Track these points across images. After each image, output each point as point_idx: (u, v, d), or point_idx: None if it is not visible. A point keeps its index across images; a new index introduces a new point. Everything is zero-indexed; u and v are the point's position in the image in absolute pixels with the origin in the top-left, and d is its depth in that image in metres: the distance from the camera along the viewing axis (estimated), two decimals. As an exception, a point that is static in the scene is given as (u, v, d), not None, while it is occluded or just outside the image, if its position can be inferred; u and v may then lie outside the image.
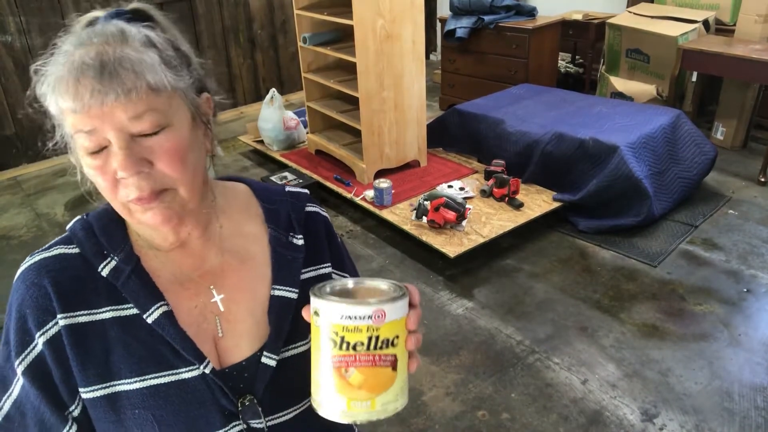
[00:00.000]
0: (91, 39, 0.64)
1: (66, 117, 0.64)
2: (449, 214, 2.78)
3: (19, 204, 3.76)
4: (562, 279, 2.66)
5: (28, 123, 4.13)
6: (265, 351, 0.76)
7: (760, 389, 2.01)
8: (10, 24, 3.87)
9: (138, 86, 0.62)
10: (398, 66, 3.16)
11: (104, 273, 0.71)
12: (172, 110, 0.66)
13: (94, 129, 0.63)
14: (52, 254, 0.72)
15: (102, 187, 0.67)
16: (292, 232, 0.82)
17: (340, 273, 0.87)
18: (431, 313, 2.48)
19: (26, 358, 0.69)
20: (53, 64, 0.65)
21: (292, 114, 4.00)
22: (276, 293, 0.78)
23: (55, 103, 0.64)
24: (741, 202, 3.18)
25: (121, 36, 0.65)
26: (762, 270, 2.62)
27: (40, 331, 0.69)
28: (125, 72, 0.62)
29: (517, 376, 2.13)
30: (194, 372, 0.71)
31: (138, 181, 0.65)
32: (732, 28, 3.79)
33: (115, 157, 0.64)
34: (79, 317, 0.70)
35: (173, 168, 0.66)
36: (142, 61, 0.63)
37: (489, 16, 4.31)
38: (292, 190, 0.88)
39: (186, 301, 0.75)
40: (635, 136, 2.94)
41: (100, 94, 0.61)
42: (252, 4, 4.95)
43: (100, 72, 0.61)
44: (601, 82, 4.33)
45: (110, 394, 0.70)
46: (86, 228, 0.74)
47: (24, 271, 0.72)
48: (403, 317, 0.64)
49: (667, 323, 2.34)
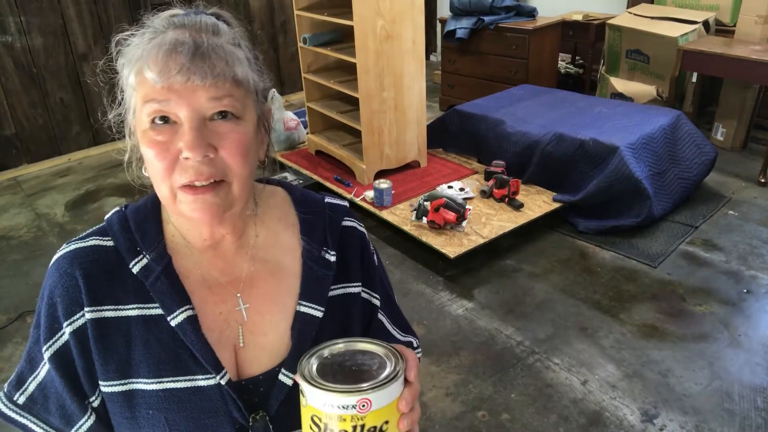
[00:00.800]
0: (184, 24, 0.66)
1: (141, 88, 0.64)
2: (449, 214, 2.78)
3: (19, 204, 3.76)
4: (562, 279, 2.66)
5: (28, 123, 4.13)
6: (283, 368, 0.74)
7: (760, 390, 2.01)
8: (10, 24, 3.87)
9: (226, 74, 0.64)
10: (398, 66, 3.16)
11: (135, 270, 0.71)
12: (246, 106, 0.68)
13: (168, 101, 0.63)
14: (88, 245, 0.73)
15: (157, 168, 0.65)
16: (326, 247, 0.80)
17: (370, 292, 0.84)
18: (431, 314, 2.48)
19: (53, 345, 0.70)
20: (140, 37, 0.66)
21: (292, 114, 4.00)
22: (302, 309, 0.77)
23: (136, 73, 0.64)
24: (741, 203, 3.18)
25: (214, 28, 0.67)
26: (762, 271, 2.62)
27: (68, 321, 0.70)
28: (217, 58, 0.64)
29: (517, 377, 2.13)
30: (210, 381, 0.71)
31: (200, 165, 0.64)
32: (732, 29, 3.79)
33: (183, 136, 0.64)
34: (105, 312, 0.70)
35: (235, 159, 0.66)
36: (234, 53, 0.66)
37: (489, 17, 4.31)
38: (331, 201, 0.85)
39: (212, 306, 0.74)
40: (635, 136, 2.94)
41: (188, 72, 0.62)
42: (252, 4, 4.95)
43: (193, 52, 0.62)
44: (601, 82, 4.34)
45: (127, 391, 0.70)
46: (122, 221, 0.74)
47: (59, 259, 0.72)
48: (394, 400, 0.60)
49: (667, 324, 2.34)
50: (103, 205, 3.61)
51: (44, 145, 4.24)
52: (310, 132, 3.83)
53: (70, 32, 4.11)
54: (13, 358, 2.38)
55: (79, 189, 3.88)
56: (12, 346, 2.46)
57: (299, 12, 3.43)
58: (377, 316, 0.86)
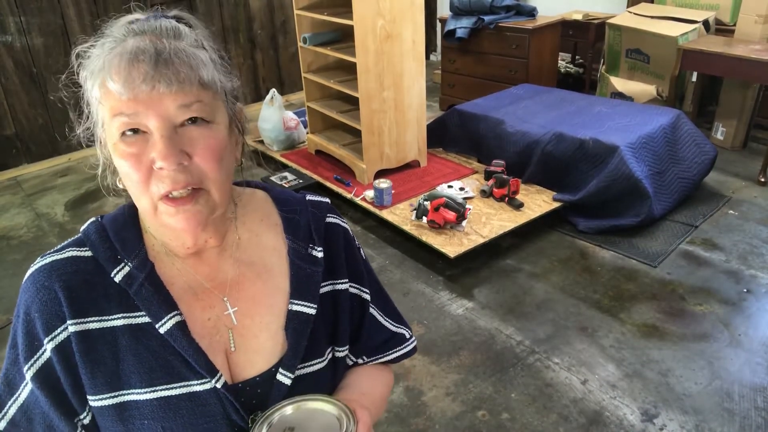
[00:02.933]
0: (144, 30, 0.64)
1: (107, 101, 0.63)
2: (449, 214, 2.78)
3: (19, 204, 3.76)
4: (562, 279, 2.66)
5: (28, 123, 4.13)
6: (281, 368, 0.74)
7: (760, 389, 2.01)
8: (10, 24, 3.87)
9: (191, 78, 0.63)
10: (398, 66, 3.16)
11: (117, 279, 0.69)
12: (215, 109, 0.66)
13: (136, 113, 0.62)
14: (64, 256, 0.70)
15: (133, 181, 0.64)
16: (312, 244, 0.80)
17: (358, 287, 0.84)
18: (431, 314, 2.48)
19: (35, 363, 0.67)
20: (100, 47, 0.64)
21: (292, 114, 4.00)
22: (294, 308, 0.76)
23: (100, 85, 0.63)
24: (741, 202, 3.18)
25: (175, 32, 0.65)
26: (762, 270, 2.62)
27: (49, 336, 0.67)
28: (180, 63, 0.62)
29: (517, 376, 2.13)
30: (206, 385, 0.70)
31: (175, 174, 0.63)
32: (732, 29, 3.79)
33: (155, 146, 0.62)
34: (89, 323, 0.68)
35: (210, 164, 0.65)
36: (197, 56, 0.64)
37: (489, 16, 4.31)
38: (312, 198, 0.85)
39: (200, 312, 0.73)
40: (635, 136, 2.94)
41: (152, 80, 0.61)
42: (252, 4, 4.94)
43: (155, 59, 0.61)
44: (601, 82, 4.33)
45: (119, 404, 0.68)
46: (100, 231, 0.72)
47: (34, 273, 0.70)
48: None
49: (667, 323, 2.34)
50: (103, 205, 3.61)
51: (44, 145, 4.24)
52: (310, 132, 3.83)
53: (70, 32, 4.11)
54: (13, 358, 2.38)
55: (79, 189, 3.88)
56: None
57: (299, 12, 3.43)
58: (369, 311, 0.86)
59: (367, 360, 0.89)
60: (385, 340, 0.89)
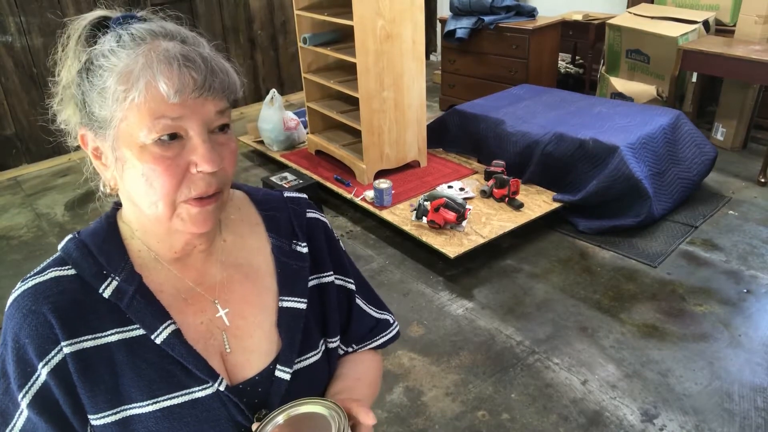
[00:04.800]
0: (167, 34, 0.64)
1: (146, 102, 0.61)
2: (449, 214, 2.78)
3: (19, 204, 3.76)
4: (562, 279, 2.66)
5: (28, 123, 4.13)
6: (279, 364, 0.74)
7: (760, 390, 2.01)
8: (10, 24, 3.87)
9: (231, 87, 0.65)
10: (398, 66, 3.16)
11: (106, 294, 0.68)
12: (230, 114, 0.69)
13: (181, 117, 0.62)
14: (47, 278, 0.68)
15: (161, 184, 0.63)
16: (296, 240, 0.81)
17: (343, 278, 0.86)
18: (431, 314, 2.48)
19: (30, 390, 0.65)
20: (122, 48, 0.62)
21: (292, 114, 4.00)
22: (284, 305, 0.77)
23: (146, 85, 0.60)
24: (741, 203, 3.18)
25: (196, 39, 0.66)
26: (762, 270, 2.62)
27: (43, 360, 0.65)
28: (221, 72, 0.64)
29: (517, 377, 2.13)
30: (208, 390, 0.70)
31: (210, 177, 0.65)
32: (732, 29, 3.79)
33: (196, 150, 0.63)
34: (83, 342, 0.67)
35: (232, 169, 0.68)
36: (226, 65, 0.66)
37: (489, 17, 4.31)
38: (290, 195, 0.86)
39: (191, 317, 0.73)
40: (635, 136, 2.94)
41: (203, 88, 0.62)
42: (252, 4, 4.95)
43: (204, 66, 0.62)
44: (601, 82, 4.33)
45: (122, 419, 0.67)
46: (81, 247, 0.70)
47: (18, 298, 0.68)
48: None
49: (667, 324, 2.34)
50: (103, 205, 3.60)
51: (44, 145, 4.24)
52: (310, 132, 3.83)
53: (70, 32, 4.11)
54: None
55: (79, 189, 3.88)
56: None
57: (299, 12, 3.43)
58: (355, 302, 0.88)
59: (356, 348, 0.91)
60: (371, 328, 0.92)
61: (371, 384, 0.88)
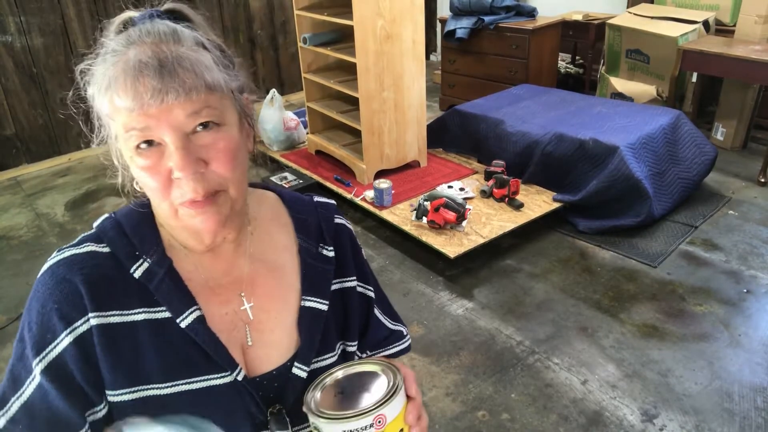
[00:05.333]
0: (142, 38, 0.63)
1: (117, 116, 0.63)
2: (449, 214, 2.78)
3: (19, 204, 3.75)
4: (562, 279, 2.66)
5: (28, 123, 4.13)
6: (297, 362, 0.75)
7: (760, 390, 2.01)
8: (10, 24, 3.87)
9: (198, 85, 0.62)
10: (398, 66, 3.16)
11: (137, 275, 0.70)
12: (224, 110, 0.66)
13: (148, 127, 0.62)
14: (83, 251, 0.70)
15: (152, 188, 0.65)
16: (323, 243, 0.82)
17: (365, 286, 0.87)
18: (431, 314, 2.48)
19: (47, 356, 0.66)
20: (102, 63, 0.64)
21: (292, 114, 4.00)
22: (306, 304, 0.78)
23: (108, 103, 0.63)
24: (741, 203, 3.18)
25: (173, 35, 0.64)
26: (762, 270, 2.62)
27: (68, 329, 0.66)
28: (184, 71, 0.61)
29: (517, 377, 2.13)
30: (226, 379, 0.71)
31: (194, 183, 0.64)
32: (732, 29, 3.79)
33: (171, 156, 0.63)
34: (111, 317, 0.68)
35: (226, 168, 0.66)
36: (200, 61, 0.63)
37: (489, 17, 4.31)
38: (320, 200, 0.87)
39: (217, 307, 0.74)
40: (635, 136, 2.94)
41: (160, 93, 0.60)
42: (252, 4, 4.95)
43: (159, 71, 0.60)
44: (601, 82, 4.33)
45: (140, 398, 0.68)
46: (116, 227, 0.72)
47: (53, 266, 0.69)
48: (402, 409, 0.63)
49: (667, 323, 2.34)
50: (103, 205, 3.61)
51: (44, 145, 4.24)
52: (310, 132, 3.83)
53: (70, 32, 4.11)
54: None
55: (79, 189, 3.88)
56: (12, 346, 2.45)
57: (299, 12, 3.43)
58: (374, 311, 0.89)
59: (370, 354, 0.92)
60: (386, 337, 0.93)
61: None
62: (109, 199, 3.69)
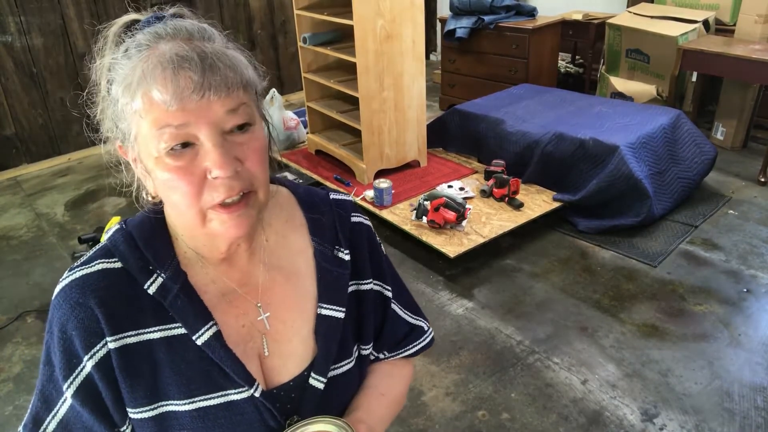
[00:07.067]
0: (171, 34, 0.62)
1: (149, 113, 0.60)
2: (449, 214, 2.78)
3: (19, 204, 3.76)
4: (562, 279, 2.66)
5: (28, 123, 4.13)
6: (313, 372, 0.74)
7: (760, 389, 2.01)
8: (10, 24, 3.87)
9: (237, 82, 0.61)
10: (398, 66, 3.16)
11: (151, 291, 0.68)
12: (254, 109, 0.65)
13: (186, 124, 0.59)
14: (95, 270, 0.68)
15: (182, 193, 0.62)
16: (338, 245, 0.79)
17: (381, 284, 0.85)
18: (431, 314, 2.48)
19: (75, 380, 0.66)
20: (127, 57, 0.61)
21: (292, 114, 4.00)
22: (323, 312, 0.76)
23: (140, 98, 0.59)
24: (741, 202, 3.18)
25: (202, 32, 0.63)
26: (762, 270, 2.62)
27: (89, 354, 0.66)
28: (225, 67, 0.60)
29: (517, 376, 2.13)
30: (243, 394, 0.70)
31: (230, 181, 0.61)
32: (732, 29, 3.79)
33: (208, 155, 0.60)
34: (127, 338, 0.67)
35: (259, 168, 0.64)
36: (237, 58, 0.63)
37: (489, 16, 4.31)
38: (336, 197, 0.83)
39: (234, 319, 0.72)
40: (635, 136, 2.94)
41: (201, 88, 0.58)
42: (252, 4, 4.95)
43: (200, 65, 0.58)
44: (601, 82, 4.33)
45: (159, 415, 0.68)
46: (128, 240, 0.70)
47: (65, 288, 0.67)
48: None
49: (667, 323, 2.34)
50: (103, 205, 3.61)
51: (44, 145, 4.24)
52: (310, 132, 3.83)
53: (70, 32, 4.11)
54: (12, 358, 2.38)
55: (79, 189, 3.88)
56: (12, 346, 2.46)
57: (299, 12, 3.43)
58: (390, 307, 0.87)
59: (388, 355, 0.89)
60: (406, 334, 0.90)
61: (394, 401, 0.86)
62: (109, 199, 3.69)
